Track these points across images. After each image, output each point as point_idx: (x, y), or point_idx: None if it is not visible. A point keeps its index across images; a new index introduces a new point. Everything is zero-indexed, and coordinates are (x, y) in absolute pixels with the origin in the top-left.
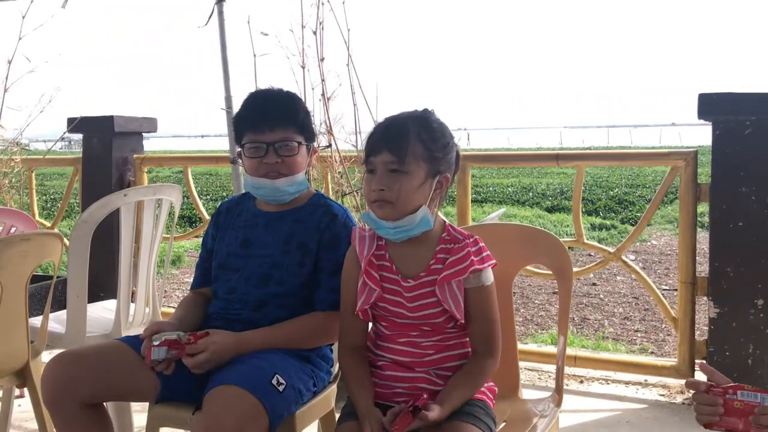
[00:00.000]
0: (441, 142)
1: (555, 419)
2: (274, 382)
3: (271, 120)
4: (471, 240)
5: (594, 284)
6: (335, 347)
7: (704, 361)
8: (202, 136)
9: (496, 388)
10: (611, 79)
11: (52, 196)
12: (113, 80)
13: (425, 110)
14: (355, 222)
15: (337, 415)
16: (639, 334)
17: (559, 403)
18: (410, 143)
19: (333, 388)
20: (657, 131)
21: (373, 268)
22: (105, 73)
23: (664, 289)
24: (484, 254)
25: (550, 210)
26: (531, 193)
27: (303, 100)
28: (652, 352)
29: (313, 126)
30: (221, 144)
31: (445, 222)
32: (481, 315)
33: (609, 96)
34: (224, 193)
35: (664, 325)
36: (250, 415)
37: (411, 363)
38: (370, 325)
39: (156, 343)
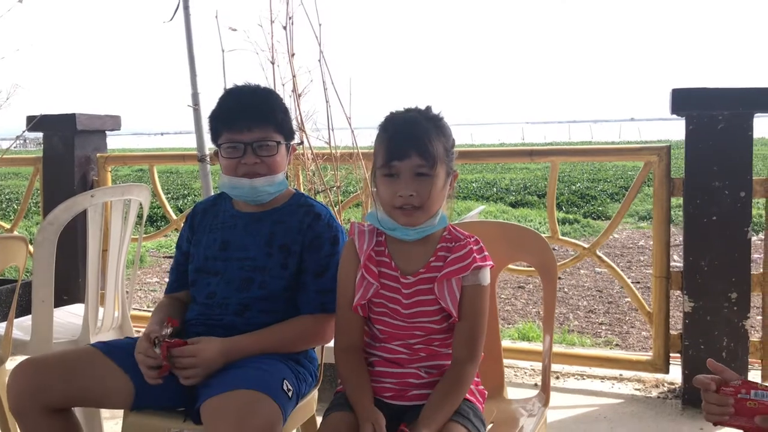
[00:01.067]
0: (451, 140)
1: (543, 419)
2: (284, 387)
3: (248, 119)
4: (473, 239)
5: (558, 278)
6: (318, 348)
7: (712, 359)
8: (162, 134)
9: (486, 392)
10: (572, 75)
11: (7, 197)
12: (71, 78)
13: (428, 107)
14: (338, 222)
15: (319, 419)
16: (603, 327)
17: (546, 403)
18: (434, 145)
19: (315, 393)
20: (617, 126)
21: (372, 263)
22: (63, 70)
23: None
24: (485, 254)
25: (514, 205)
26: (495, 189)
27: (280, 97)
28: (617, 345)
29: (292, 123)
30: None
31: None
32: (471, 314)
33: (570, 92)
34: (185, 192)
35: (627, 318)
36: (273, 420)
37: (401, 360)
38: None
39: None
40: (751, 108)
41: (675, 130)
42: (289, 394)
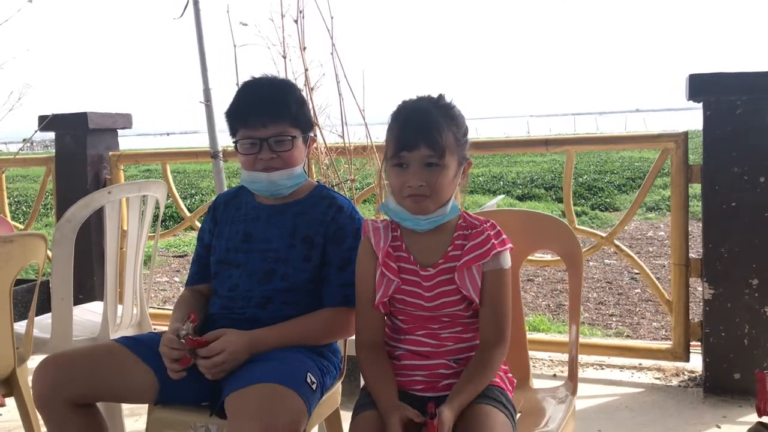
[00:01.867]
0: (463, 128)
1: (572, 407)
2: (308, 380)
3: (262, 115)
4: (489, 224)
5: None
6: (341, 342)
7: (760, 370)
8: (168, 134)
9: (515, 380)
10: (576, 67)
11: (16, 199)
12: (76, 78)
13: (441, 96)
14: (359, 214)
15: (342, 413)
16: (614, 319)
17: (574, 391)
18: (444, 135)
19: (338, 386)
20: (622, 117)
21: (391, 259)
22: (67, 70)
23: (636, 273)
24: (503, 237)
25: (521, 198)
26: (501, 182)
27: (297, 88)
28: (627, 336)
29: (309, 115)
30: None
31: (460, 209)
32: (494, 299)
33: (574, 84)
34: (193, 191)
35: (638, 309)
36: (298, 414)
37: (429, 353)
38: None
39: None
40: None
41: (681, 120)
42: (314, 387)
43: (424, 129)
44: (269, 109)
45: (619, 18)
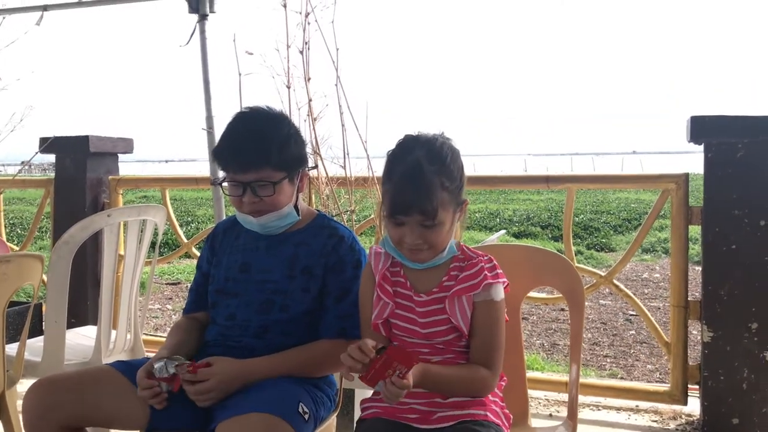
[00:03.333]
0: (457, 174)
1: None
2: (300, 410)
3: (243, 162)
4: (486, 258)
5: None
6: (337, 375)
7: None
8: (167, 161)
9: (512, 416)
10: (575, 107)
11: (11, 221)
12: (78, 102)
13: (436, 142)
14: (361, 245)
15: None
16: (608, 360)
17: (574, 430)
18: (437, 196)
19: (333, 419)
20: (619, 159)
21: (387, 283)
22: (71, 94)
23: (631, 314)
24: (498, 271)
25: (518, 236)
26: (498, 219)
27: (287, 123)
28: (621, 377)
29: (301, 151)
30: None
31: (460, 243)
32: (485, 330)
33: (572, 124)
34: (189, 218)
35: (632, 351)
36: None
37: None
38: None
39: (158, 366)
40: None
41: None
42: (306, 417)
43: (417, 195)
44: (250, 156)
45: (620, 58)
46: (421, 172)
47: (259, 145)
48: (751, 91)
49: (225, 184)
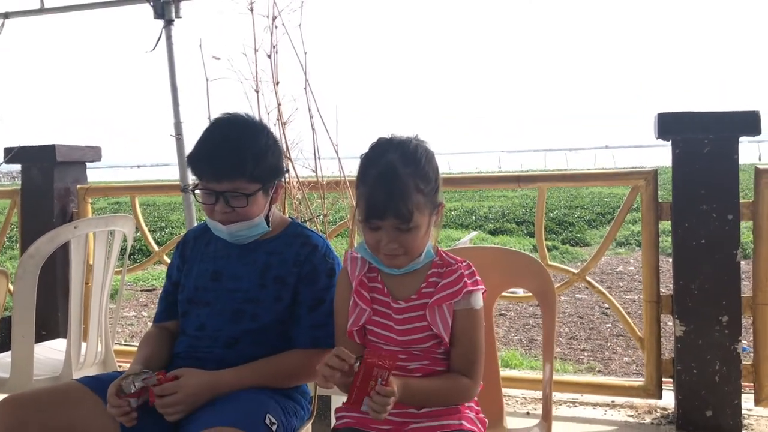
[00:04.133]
0: (432, 177)
1: None
2: (267, 421)
3: (216, 172)
4: (464, 264)
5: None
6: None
7: None
8: (139, 166)
9: (486, 420)
10: (547, 105)
11: None
12: (45, 110)
13: (410, 144)
14: (335, 253)
15: None
16: (586, 354)
17: (548, 430)
18: (412, 200)
19: (308, 428)
20: (592, 154)
21: (364, 289)
22: (37, 102)
23: (607, 308)
24: (477, 278)
25: (493, 233)
26: (474, 217)
27: (265, 134)
28: (599, 371)
29: (278, 162)
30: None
31: (437, 247)
32: (465, 338)
33: (545, 121)
34: (163, 224)
35: (609, 344)
36: None
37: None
38: None
39: (125, 384)
40: (735, 131)
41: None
42: (274, 428)
43: (391, 199)
44: (224, 166)
45: (589, 59)
46: (396, 174)
47: (234, 156)
48: (719, 92)
49: (198, 191)
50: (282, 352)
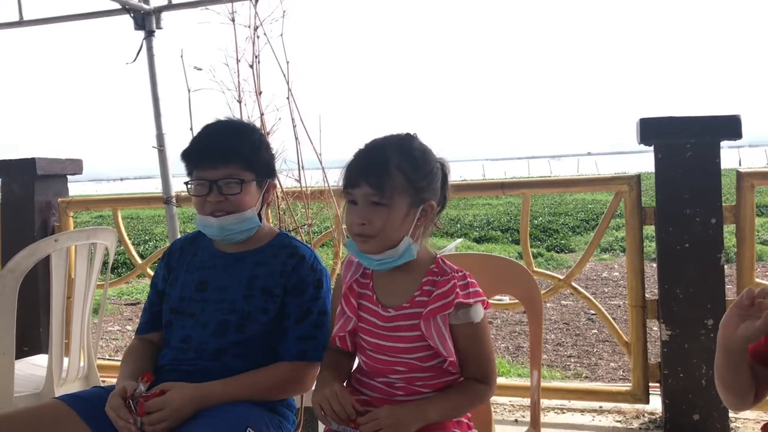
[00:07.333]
0: (424, 170)
1: None
2: None
3: (213, 157)
4: (459, 274)
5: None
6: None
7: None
8: (122, 179)
9: (476, 429)
10: (530, 113)
11: None
12: (31, 123)
13: (407, 135)
14: (323, 264)
15: None
16: (572, 360)
17: None
18: (391, 174)
19: None
20: (575, 161)
21: (353, 295)
22: (17, 115)
23: (593, 314)
24: (472, 290)
25: (479, 240)
26: (459, 225)
27: (258, 133)
28: (586, 377)
29: (270, 160)
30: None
31: (436, 255)
32: (472, 350)
33: (528, 129)
34: (147, 237)
35: (595, 350)
36: None
37: (381, 401)
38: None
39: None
40: (717, 136)
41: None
42: None
43: (369, 167)
44: (220, 151)
45: (571, 66)
46: (380, 147)
47: (232, 142)
48: (699, 97)
49: (190, 186)
50: (268, 365)
